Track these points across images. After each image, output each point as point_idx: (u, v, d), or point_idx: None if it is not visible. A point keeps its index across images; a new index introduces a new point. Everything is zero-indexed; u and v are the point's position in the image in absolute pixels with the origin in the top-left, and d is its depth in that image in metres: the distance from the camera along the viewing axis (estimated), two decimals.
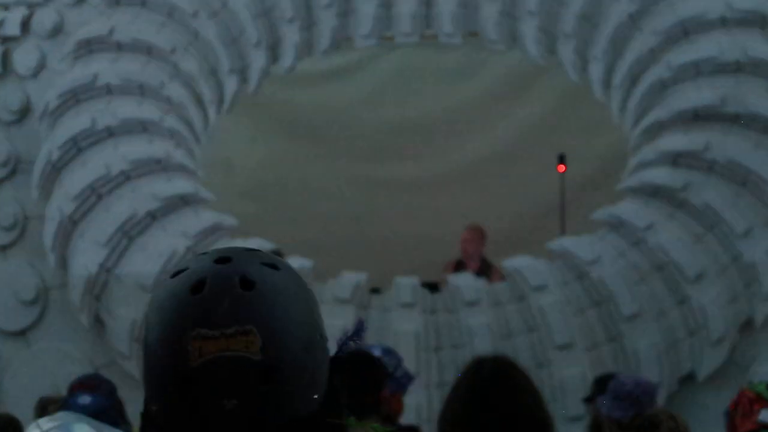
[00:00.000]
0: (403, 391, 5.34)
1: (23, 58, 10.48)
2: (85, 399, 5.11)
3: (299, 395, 1.56)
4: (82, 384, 5.49)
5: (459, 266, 10.38)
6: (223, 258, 1.57)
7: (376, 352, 5.38)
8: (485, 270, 10.17)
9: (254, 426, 1.53)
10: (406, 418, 7.28)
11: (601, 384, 6.71)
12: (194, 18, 10.51)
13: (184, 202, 9.64)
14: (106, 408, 5.13)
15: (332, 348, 1.66)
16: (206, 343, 1.49)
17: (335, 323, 8.61)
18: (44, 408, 6.61)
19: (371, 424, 2.93)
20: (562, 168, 10.84)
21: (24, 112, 10.34)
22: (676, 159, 9.33)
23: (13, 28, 10.57)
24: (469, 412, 3.07)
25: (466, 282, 9.32)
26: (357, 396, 4.23)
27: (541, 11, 10.49)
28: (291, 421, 1.55)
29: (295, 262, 9.14)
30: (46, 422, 4.34)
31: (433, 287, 9.51)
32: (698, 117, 9.45)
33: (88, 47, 10.32)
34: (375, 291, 9.43)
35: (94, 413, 5.03)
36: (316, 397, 1.58)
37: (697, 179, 9.24)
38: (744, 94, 9.43)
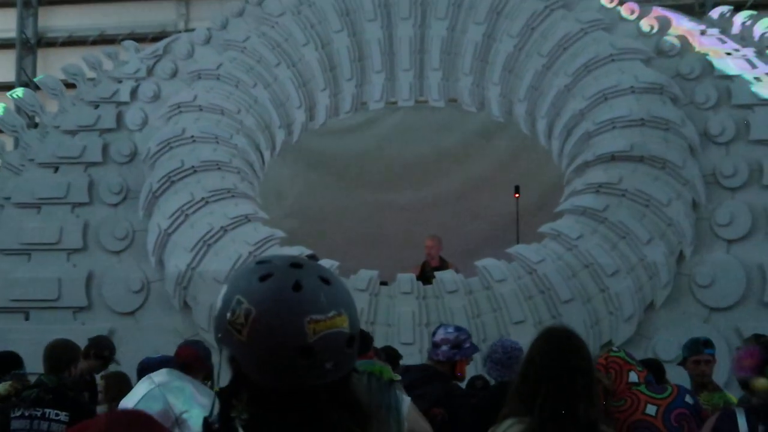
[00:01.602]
0: (468, 358, 5.30)
1: (132, 117, 10.55)
2: (155, 357, 5.09)
3: (356, 353, 1.65)
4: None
5: (424, 265, 10.25)
6: (296, 264, 1.63)
7: (450, 330, 5.40)
8: (443, 265, 10.09)
9: (338, 377, 1.61)
10: None
11: None
12: (254, 88, 10.59)
13: (247, 219, 9.64)
14: (168, 361, 5.12)
15: None
16: (318, 325, 1.56)
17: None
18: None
19: (376, 367, 3.01)
20: (516, 195, 10.93)
21: (132, 156, 10.37)
22: (598, 189, 9.34)
23: (124, 96, 10.66)
24: (549, 365, 3.07)
25: (448, 277, 9.33)
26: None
27: (502, 83, 10.56)
28: (350, 371, 1.65)
29: (326, 262, 9.21)
30: (156, 376, 4.38)
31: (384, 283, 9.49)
32: (614, 158, 9.47)
33: (178, 109, 10.39)
34: (383, 283, 9.40)
35: (159, 364, 5.07)
36: (357, 353, 1.67)
37: (613, 203, 9.26)
38: (647, 142, 9.45)
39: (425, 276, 9.76)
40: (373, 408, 2.85)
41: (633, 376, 4.23)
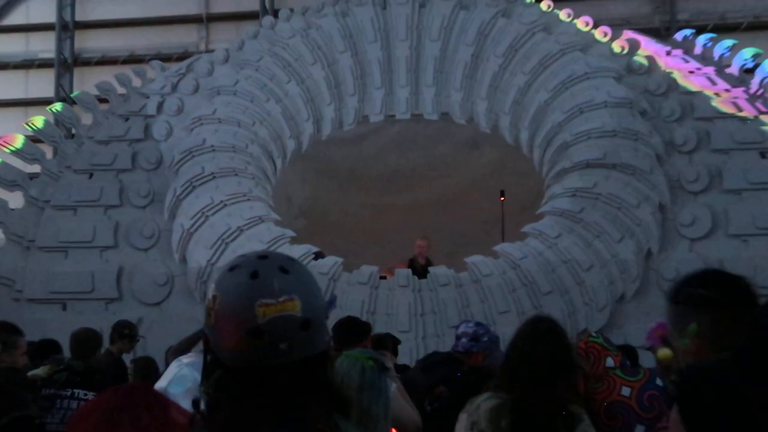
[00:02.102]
0: (485, 350, 5.18)
1: (158, 128, 10.54)
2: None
3: (320, 337, 1.60)
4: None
5: (411, 262, 10.12)
6: (263, 256, 1.62)
7: (470, 325, 5.38)
8: (428, 264, 10.01)
9: (297, 357, 1.57)
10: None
11: None
12: (267, 103, 10.59)
13: (261, 220, 9.61)
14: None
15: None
16: (268, 308, 1.54)
17: (357, 298, 8.67)
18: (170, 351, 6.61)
19: (355, 355, 3.00)
20: (502, 198, 10.91)
21: (158, 164, 10.36)
22: (575, 193, 9.33)
23: (151, 110, 10.67)
24: (533, 351, 3.07)
25: (441, 271, 9.32)
26: (353, 341, 4.34)
27: (488, 98, 10.57)
28: (316, 354, 1.60)
29: (331, 259, 9.22)
30: (185, 358, 4.37)
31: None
32: (589, 166, 9.47)
33: (199, 121, 10.38)
34: (383, 278, 9.37)
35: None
36: (326, 338, 1.63)
37: (588, 205, 9.25)
38: (618, 151, 9.46)
39: (413, 271, 9.70)
40: (364, 390, 2.82)
41: (609, 361, 4.21)
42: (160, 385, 4.09)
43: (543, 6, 10.72)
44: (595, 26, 10.57)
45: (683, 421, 1.47)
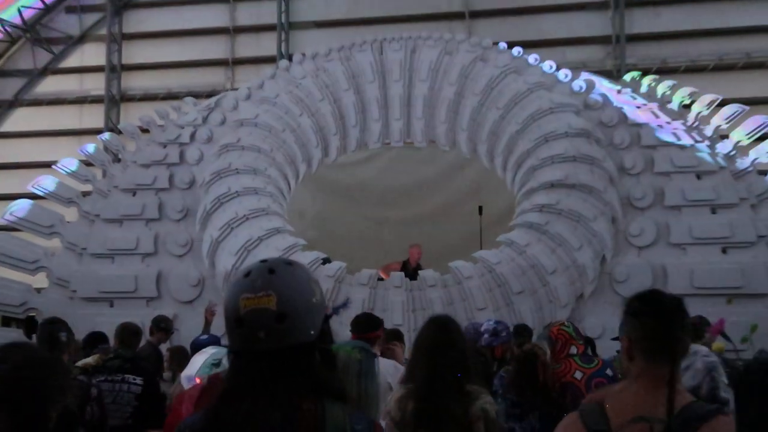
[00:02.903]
0: (505, 344, 5.16)
1: (191, 154, 10.53)
2: (203, 337, 5.02)
3: (300, 330, 1.58)
4: None
5: (405, 265, 10.08)
6: (264, 260, 1.64)
7: (491, 323, 5.31)
8: (418, 267, 9.93)
9: (275, 346, 1.57)
10: None
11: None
12: (283, 132, 10.59)
13: (277, 231, 9.57)
14: (216, 341, 4.79)
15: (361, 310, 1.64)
16: (247, 301, 1.57)
17: (359, 297, 8.61)
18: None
19: (347, 348, 2.98)
20: (480, 214, 10.91)
21: (191, 184, 10.35)
22: (541, 208, 9.31)
23: (185, 138, 10.66)
24: (429, 345, 3.07)
25: (429, 274, 9.27)
26: (363, 334, 4.33)
27: (468, 129, 10.59)
28: (295, 344, 1.59)
29: (336, 264, 9.20)
30: (209, 349, 4.33)
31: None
32: (553, 186, 9.46)
33: (225, 148, 10.36)
34: (380, 279, 9.35)
35: (206, 343, 4.91)
36: (312, 332, 1.60)
37: (552, 219, 9.24)
38: (578, 174, 9.47)
39: (405, 272, 9.68)
40: (362, 376, 2.82)
41: (573, 349, 4.26)
42: (188, 372, 4.07)
43: (514, 52, 10.78)
44: (558, 69, 10.62)
45: (736, 401, 1.48)
